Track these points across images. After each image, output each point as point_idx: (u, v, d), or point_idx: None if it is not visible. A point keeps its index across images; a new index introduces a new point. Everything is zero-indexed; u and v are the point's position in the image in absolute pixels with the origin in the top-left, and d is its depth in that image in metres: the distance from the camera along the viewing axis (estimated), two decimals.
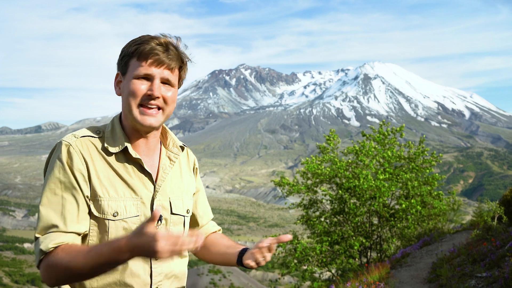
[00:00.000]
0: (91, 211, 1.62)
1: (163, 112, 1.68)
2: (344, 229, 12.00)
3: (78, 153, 1.61)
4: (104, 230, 1.62)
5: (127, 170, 1.68)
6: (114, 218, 1.62)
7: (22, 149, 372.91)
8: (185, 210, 1.83)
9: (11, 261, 74.19)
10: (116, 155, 1.68)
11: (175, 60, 1.67)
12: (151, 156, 1.76)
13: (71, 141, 1.63)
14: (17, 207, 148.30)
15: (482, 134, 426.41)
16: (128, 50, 1.65)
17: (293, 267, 11.87)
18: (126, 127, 1.72)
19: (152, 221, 1.37)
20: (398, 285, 6.79)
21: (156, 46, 1.63)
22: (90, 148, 1.65)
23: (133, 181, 1.68)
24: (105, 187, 1.63)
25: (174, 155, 1.82)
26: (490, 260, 5.96)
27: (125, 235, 1.44)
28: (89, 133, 1.69)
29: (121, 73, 1.70)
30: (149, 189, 1.71)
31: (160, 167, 1.76)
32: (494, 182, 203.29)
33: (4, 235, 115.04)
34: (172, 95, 1.69)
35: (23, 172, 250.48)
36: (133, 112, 1.64)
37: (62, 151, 1.61)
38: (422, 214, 12.01)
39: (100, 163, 1.65)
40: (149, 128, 1.68)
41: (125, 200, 1.65)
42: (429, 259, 8.48)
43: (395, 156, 12.32)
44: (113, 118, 1.77)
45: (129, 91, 1.64)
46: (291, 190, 12.55)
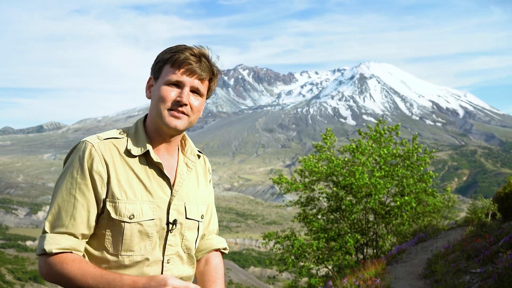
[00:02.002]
0: (108, 213, 1.64)
1: (188, 119, 1.71)
2: (341, 226, 12.00)
3: (99, 155, 1.63)
4: (120, 232, 1.64)
5: (147, 173, 1.70)
6: (130, 221, 1.64)
7: (24, 149, 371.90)
8: (199, 216, 1.85)
9: (14, 259, 74.02)
10: (137, 157, 1.70)
11: (207, 72, 1.71)
12: (169, 161, 1.78)
13: (94, 143, 1.65)
14: (19, 206, 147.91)
15: (476, 132, 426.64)
16: (163, 57, 1.69)
17: (290, 263, 11.87)
18: (150, 130, 1.75)
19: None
20: (394, 281, 6.77)
21: (190, 56, 1.67)
22: (112, 151, 1.67)
23: (151, 185, 1.69)
24: (123, 190, 1.64)
25: (192, 163, 1.84)
26: (484, 256, 5.95)
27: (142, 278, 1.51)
28: (113, 135, 1.71)
29: (153, 78, 1.73)
30: (166, 193, 1.72)
31: (177, 172, 1.78)
32: (488, 180, 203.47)
33: (7, 233, 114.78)
34: (199, 105, 1.73)
35: (25, 171, 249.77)
36: (162, 114, 1.67)
37: (85, 152, 1.63)
38: (417, 211, 12.01)
39: (120, 166, 1.66)
40: (174, 131, 1.71)
41: (142, 203, 1.66)
42: (424, 255, 8.48)
43: (390, 154, 12.31)
44: (137, 120, 1.80)
45: (159, 95, 1.67)
46: (288, 188, 12.54)
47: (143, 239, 1.66)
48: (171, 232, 1.72)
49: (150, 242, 1.68)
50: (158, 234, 1.69)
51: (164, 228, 1.70)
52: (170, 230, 1.72)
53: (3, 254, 75.66)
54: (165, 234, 1.71)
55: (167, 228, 1.71)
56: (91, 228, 1.63)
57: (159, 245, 1.71)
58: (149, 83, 1.76)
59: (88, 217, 1.61)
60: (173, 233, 1.73)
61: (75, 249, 1.59)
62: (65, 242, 1.56)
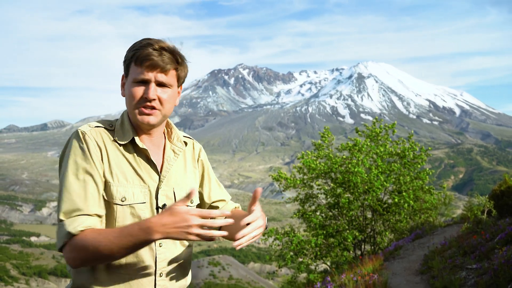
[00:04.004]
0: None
1: (160, 112, 1.73)
2: (339, 223, 11.98)
3: (92, 140, 1.66)
4: (112, 215, 1.65)
5: (136, 160, 1.73)
6: (122, 203, 1.65)
7: (28, 146, 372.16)
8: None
9: (19, 254, 74.10)
10: (125, 146, 1.73)
11: (170, 63, 1.70)
12: (156, 151, 1.80)
13: (86, 130, 1.68)
14: (24, 202, 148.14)
15: (472, 131, 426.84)
16: (128, 55, 1.71)
17: (289, 259, 11.85)
18: (132, 121, 1.78)
19: (187, 199, 1.44)
20: (391, 277, 6.76)
21: (152, 51, 1.67)
22: (105, 138, 1.70)
23: (140, 171, 1.72)
24: (115, 173, 1.67)
25: (179, 149, 1.86)
26: (480, 252, 5.94)
27: (155, 216, 1.49)
28: (102, 125, 1.75)
29: (125, 76, 1.76)
30: (154, 179, 1.74)
31: (164, 158, 1.81)
32: (483, 177, 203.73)
33: (12, 229, 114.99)
34: (168, 97, 1.73)
35: (29, 168, 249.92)
36: (133, 112, 1.71)
37: (79, 138, 1.66)
38: (414, 208, 11.99)
39: (112, 151, 1.70)
40: (148, 126, 1.73)
41: (133, 187, 1.68)
42: (421, 251, 8.46)
43: (387, 152, 12.29)
44: (123, 112, 1.83)
45: (128, 94, 1.71)
46: (287, 185, 12.52)
47: (135, 221, 1.64)
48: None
49: None
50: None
51: (154, 212, 1.71)
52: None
53: (8, 250, 75.73)
54: None
55: (157, 212, 1.72)
56: (103, 208, 1.64)
57: None
58: (122, 81, 1.78)
59: (99, 197, 1.62)
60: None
61: (96, 226, 1.59)
62: (87, 220, 1.56)
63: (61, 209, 1.57)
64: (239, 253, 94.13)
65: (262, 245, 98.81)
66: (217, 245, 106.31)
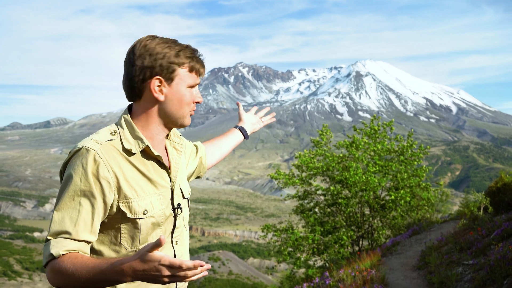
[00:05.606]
0: (124, 213, 1.62)
1: None
2: (337, 219, 11.97)
3: (104, 161, 1.58)
4: (136, 228, 1.64)
5: (147, 167, 1.69)
6: (144, 216, 1.64)
7: (32, 143, 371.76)
8: (188, 192, 1.90)
9: (22, 249, 74.21)
10: (136, 154, 1.67)
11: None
12: (161, 151, 1.77)
13: (96, 148, 1.58)
14: (27, 198, 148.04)
15: (469, 128, 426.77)
16: (175, 60, 1.66)
17: (287, 256, 11.85)
18: (139, 126, 1.71)
19: (157, 247, 1.36)
20: (388, 272, 6.75)
21: (200, 59, 1.74)
22: (114, 153, 1.62)
23: (153, 177, 1.69)
24: (133, 188, 1.63)
25: (178, 145, 1.84)
26: (476, 248, 5.92)
27: (128, 257, 1.42)
28: (108, 137, 1.65)
29: (164, 79, 1.66)
30: (166, 181, 1.74)
31: (170, 158, 1.79)
32: (480, 174, 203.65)
33: (15, 225, 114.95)
34: None
35: (33, 165, 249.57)
36: (186, 116, 1.72)
37: (88, 159, 1.56)
38: (411, 204, 11.98)
39: (125, 166, 1.63)
40: (184, 127, 1.78)
41: (150, 197, 1.66)
42: (418, 247, 8.45)
43: (385, 150, 12.27)
44: (124, 117, 1.72)
45: (182, 99, 1.69)
46: (286, 183, 12.50)
47: (155, 229, 1.68)
48: (178, 216, 1.77)
49: (160, 229, 1.70)
50: (167, 221, 1.72)
51: (171, 214, 1.73)
52: (176, 214, 1.76)
53: (12, 245, 75.86)
54: (173, 219, 1.74)
55: (174, 213, 1.74)
56: (95, 234, 1.58)
57: (169, 230, 1.74)
58: (156, 85, 1.66)
59: (92, 223, 1.56)
60: (179, 216, 1.77)
61: (81, 250, 1.54)
62: (71, 244, 1.51)
63: (50, 228, 1.54)
64: (238, 248, 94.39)
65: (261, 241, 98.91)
66: (217, 241, 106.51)
